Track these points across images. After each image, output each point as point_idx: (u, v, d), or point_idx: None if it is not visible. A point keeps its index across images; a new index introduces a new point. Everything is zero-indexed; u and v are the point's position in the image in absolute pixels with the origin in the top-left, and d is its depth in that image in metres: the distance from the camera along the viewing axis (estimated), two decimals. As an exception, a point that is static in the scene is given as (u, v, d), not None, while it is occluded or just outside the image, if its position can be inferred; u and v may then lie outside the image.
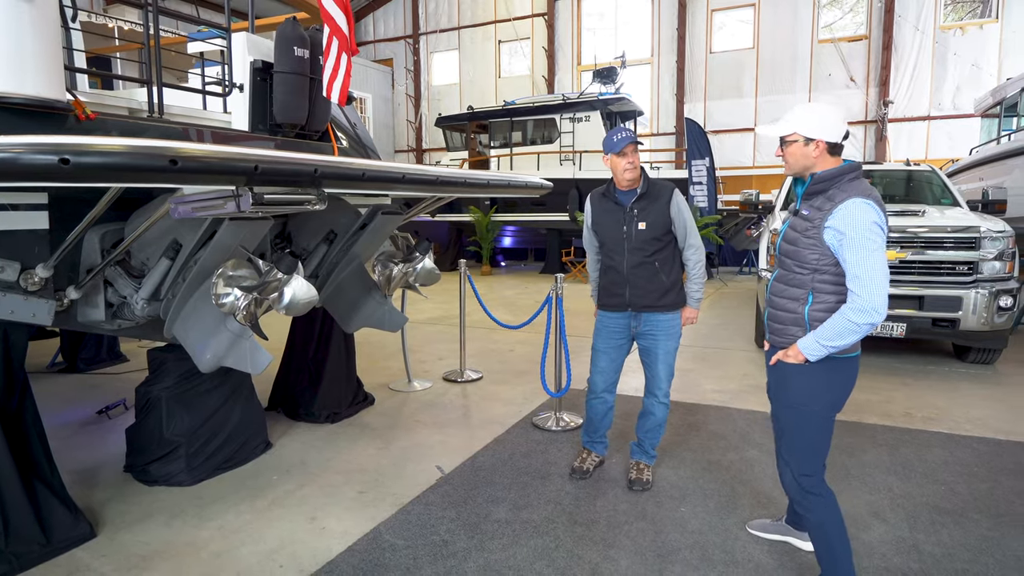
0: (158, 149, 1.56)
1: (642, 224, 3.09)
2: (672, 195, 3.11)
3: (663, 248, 3.13)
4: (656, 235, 3.10)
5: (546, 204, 13.19)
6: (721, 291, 10.80)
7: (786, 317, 2.21)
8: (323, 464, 3.57)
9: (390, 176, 2.31)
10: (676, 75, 16.63)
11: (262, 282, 2.52)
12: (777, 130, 2.18)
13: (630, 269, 3.15)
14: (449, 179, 2.75)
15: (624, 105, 13.92)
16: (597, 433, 3.50)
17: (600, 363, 3.40)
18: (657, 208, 3.09)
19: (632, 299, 3.19)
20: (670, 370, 3.30)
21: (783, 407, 2.28)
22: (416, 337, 6.78)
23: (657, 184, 3.15)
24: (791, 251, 2.20)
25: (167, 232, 2.66)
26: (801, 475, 2.23)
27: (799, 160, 2.16)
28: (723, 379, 5.29)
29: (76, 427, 4.18)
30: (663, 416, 3.31)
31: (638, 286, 3.16)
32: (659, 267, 3.13)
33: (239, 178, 1.76)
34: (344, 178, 2.08)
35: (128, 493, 3.21)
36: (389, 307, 3.72)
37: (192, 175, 1.65)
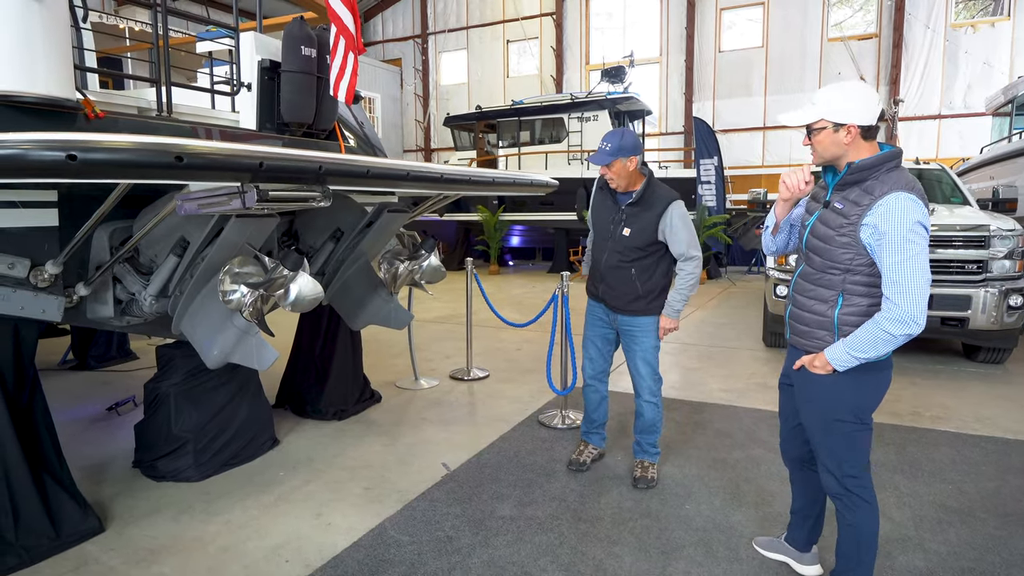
0: (164, 146, 1.58)
1: (626, 230, 3.07)
2: (667, 208, 3.00)
3: (644, 257, 3.08)
4: (638, 244, 3.06)
5: (554, 203, 13.17)
6: (729, 290, 10.77)
7: (812, 319, 2.07)
8: (329, 460, 3.59)
9: (394, 173, 2.32)
10: (685, 74, 16.58)
11: (268, 279, 2.54)
12: (803, 117, 1.99)
13: (607, 268, 3.16)
14: (453, 177, 2.76)
15: (632, 104, 13.89)
16: (593, 424, 3.51)
17: (589, 351, 3.41)
18: (647, 218, 3.02)
19: (604, 295, 3.22)
20: (651, 370, 3.21)
21: (810, 414, 2.14)
22: (423, 335, 6.80)
23: (656, 193, 3.05)
24: (821, 248, 2.03)
25: (175, 229, 2.69)
26: (845, 477, 2.11)
27: (829, 149, 1.98)
28: (729, 378, 5.27)
29: (86, 423, 4.23)
30: (653, 416, 3.25)
31: (611, 286, 3.17)
32: (635, 274, 3.10)
33: (244, 174, 1.78)
34: (349, 175, 2.10)
35: (136, 488, 3.24)
36: (395, 305, 3.74)
37: (198, 171, 1.67)
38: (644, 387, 3.24)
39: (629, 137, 2.99)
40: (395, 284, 3.61)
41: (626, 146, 2.96)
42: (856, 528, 2.14)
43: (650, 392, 3.23)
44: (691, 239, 3.03)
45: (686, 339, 6.82)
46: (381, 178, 2.26)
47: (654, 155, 16.58)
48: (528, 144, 14.28)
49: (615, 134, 2.99)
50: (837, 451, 2.12)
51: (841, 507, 2.16)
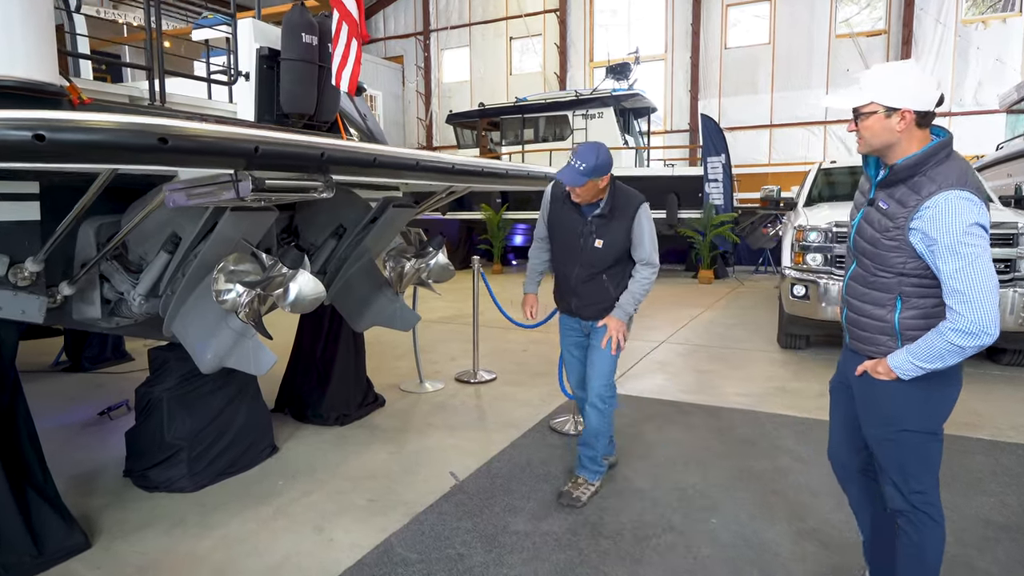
0: (146, 126, 1.39)
1: (599, 242, 2.90)
2: (636, 213, 2.85)
3: (615, 264, 2.94)
4: (611, 255, 2.91)
5: (558, 202, 12.98)
6: (737, 290, 10.57)
7: (871, 324, 1.89)
8: (331, 469, 3.40)
9: (403, 163, 2.13)
10: (690, 71, 16.38)
11: (266, 277, 2.35)
12: (851, 100, 1.79)
13: (578, 282, 2.99)
14: (464, 168, 2.57)
15: (638, 101, 13.71)
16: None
17: (569, 363, 3.24)
18: (618, 227, 2.86)
19: (578, 309, 3.06)
20: (607, 370, 2.98)
21: (874, 423, 1.96)
22: (427, 336, 6.61)
23: (623, 202, 2.87)
24: (870, 251, 1.85)
25: (165, 224, 2.50)
26: (912, 493, 1.91)
27: (879, 136, 1.77)
28: (745, 381, 5.08)
29: (76, 428, 4.05)
30: (597, 424, 2.99)
31: (584, 297, 3.01)
32: (607, 280, 2.95)
33: (238, 160, 1.59)
34: (354, 163, 1.91)
35: (127, 499, 3.06)
36: (400, 305, 3.55)
37: (185, 156, 1.48)
38: (593, 389, 3.00)
39: (604, 155, 2.73)
40: (401, 283, 3.42)
41: (601, 166, 2.70)
42: (921, 548, 1.95)
43: (599, 396, 2.99)
44: (654, 245, 2.91)
45: (696, 340, 6.63)
46: (389, 167, 2.07)
47: (658, 154, 16.39)
48: (532, 142, 14.09)
49: (590, 151, 2.70)
50: (904, 464, 1.92)
51: (905, 524, 1.97)
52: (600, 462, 3.08)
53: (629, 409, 4.36)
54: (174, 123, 1.44)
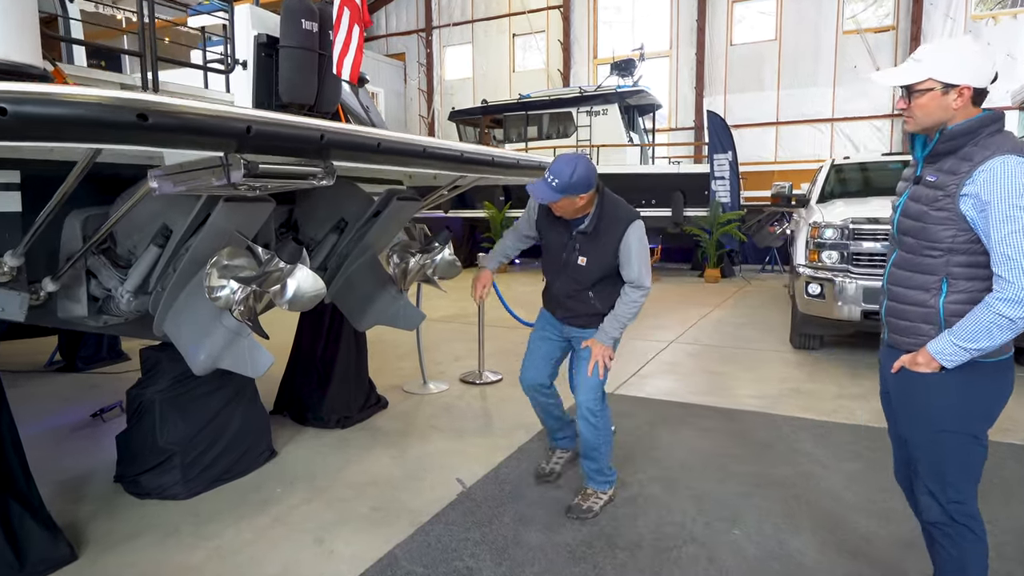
0: (124, 100, 1.24)
1: (582, 259, 2.69)
2: (625, 232, 2.60)
3: (601, 280, 2.72)
4: (596, 273, 2.71)
5: (562, 200, 12.82)
6: (744, 289, 10.41)
7: (914, 312, 1.77)
8: (332, 475, 3.25)
9: (409, 149, 1.98)
10: (695, 68, 16.20)
11: (262, 273, 2.20)
12: (906, 76, 1.69)
13: (562, 294, 2.83)
14: (474, 156, 2.42)
15: (643, 98, 13.54)
16: (551, 430, 3.21)
17: (531, 353, 3.02)
18: (603, 245, 2.64)
19: (563, 319, 2.90)
20: (595, 383, 2.75)
21: (914, 427, 1.83)
22: (431, 336, 6.44)
23: (611, 220, 2.62)
24: (916, 228, 1.74)
25: (155, 216, 2.35)
26: (950, 503, 1.78)
27: (934, 114, 1.68)
28: (759, 382, 4.92)
29: (68, 431, 3.90)
30: (593, 438, 2.79)
31: (570, 309, 2.85)
32: (594, 297, 2.76)
33: (228, 142, 1.44)
34: (356, 148, 1.76)
35: (117, 507, 2.91)
36: (405, 303, 3.40)
37: (168, 136, 1.33)
38: (582, 402, 2.77)
39: (582, 172, 2.46)
40: (405, 280, 3.26)
41: (577, 184, 2.46)
42: (961, 564, 1.81)
43: (588, 410, 2.76)
44: (645, 266, 2.67)
45: (706, 340, 6.46)
46: (394, 154, 1.92)
47: (662, 151, 16.22)
48: (535, 139, 13.92)
49: (565, 165, 2.45)
50: (942, 470, 1.79)
51: (942, 537, 1.83)
52: (607, 471, 2.91)
53: (640, 411, 4.20)
54: (156, 98, 1.29)
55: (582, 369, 2.77)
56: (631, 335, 6.63)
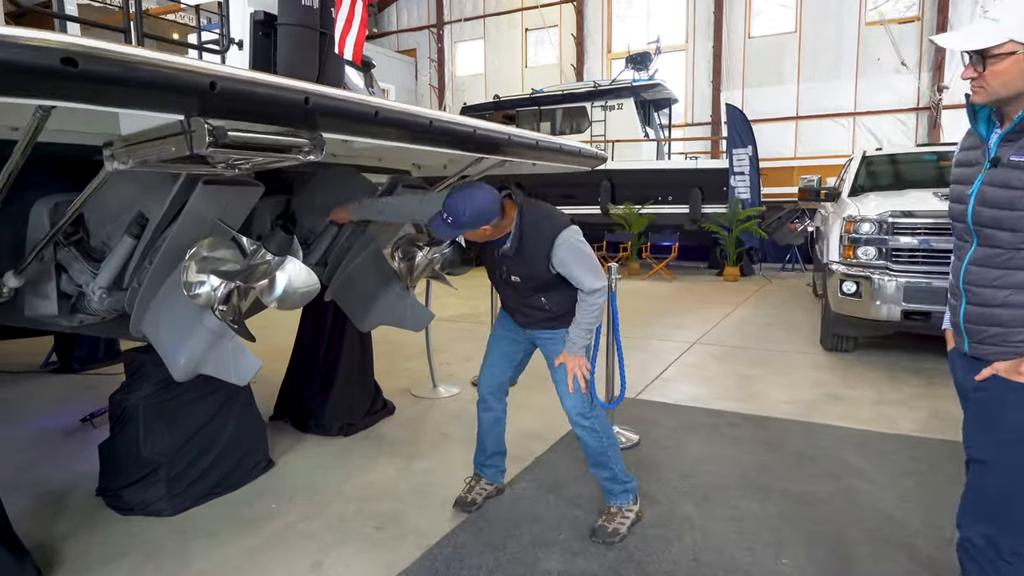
0: (43, 40, 0.97)
1: (515, 277, 2.49)
2: (552, 248, 2.34)
3: (547, 287, 2.47)
4: (533, 286, 2.48)
5: (576, 196, 12.51)
6: (765, 288, 10.05)
7: (1004, 315, 1.51)
8: (333, 489, 2.98)
9: (414, 122, 1.70)
10: (712, 62, 15.81)
11: (247, 266, 1.93)
12: (983, 38, 1.43)
13: (514, 304, 2.64)
14: (489, 136, 2.13)
15: (659, 92, 13.19)
16: (485, 452, 2.86)
17: (491, 356, 2.79)
18: (531, 263, 2.42)
19: (522, 322, 2.66)
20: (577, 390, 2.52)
21: (999, 446, 1.55)
22: (440, 336, 6.16)
23: (533, 237, 2.38)
24: (1006, 218, 1.48)
25: (129, 202, 2.09)
26: (1014, 554, 1.50)
27: (1013, 83, 1.42)
28: (791, 387, 4.60)
29: (55, 437, 3.66)
30: (596, 443, 2.57)
31: (526, 314, 2.61)
32: (547, 302, 2.51)
33: (188, 102, 1.17)
34: (348, 117, 1.48)
35: (97, 524, 2.66)
36: (412, 301, 3.12)
37: (106, 89, 1.07)
38: (570, 409, 2.56)
39: (475, 209, 2.22)
40: (412, 277, 2.98)
41: (473, 220, 2.24)
42: None
43: (579, 415, 2.54)
44: (590, 269, 2.39)
45: (730, 341, 6.14)
46: (395, 126, 1.64)
47: (679, 146, 15.85)
48: (549, 135, 13.62)
49: (459, 203, 2.21)
50: (1009, 500, 1.51)
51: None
52: (624, 478, 2.64)
53: (665, 419, 3.90)
54: (89, 41, 1.02)
55: (561, 384, 2.56)
56: (651, 335, 6.34)
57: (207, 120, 1.22)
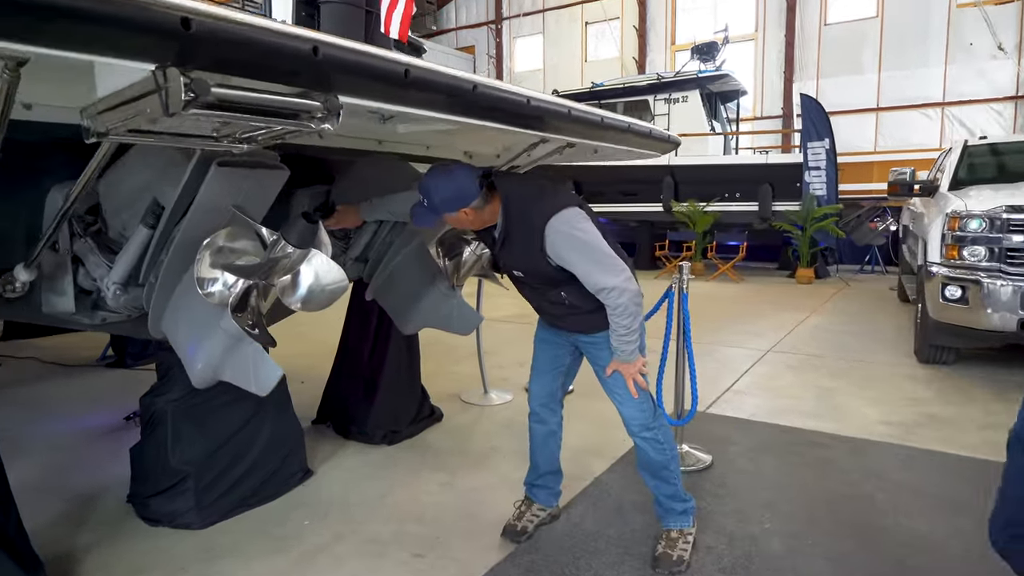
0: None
1: (518, 272, 2.20)
2: (544, 240, 2.00)
3: (564, 282, 2.12)
4: (542, 281, 2.17)
5: (637, 194, 12.04)
6: (843, 291, 9.33)
7: None
8: (371, 505, 2.74)
9: (452, 86, 1.39)
10: (784, 51, 14.98)
11: (267, 261, 1.67)
12: None
13: (534, 303, 2.36)
14: (545, 107, 1.81)
15: (726, 83, 12.53)
16: (538, 471, 2.53)
17: (537, 363, 2.50)
18: (527, 256, 2.09)
19: (552, 323, 2.39)
20: (629, 394, 2.22)
21: None
22: (492, 337, 5.88)
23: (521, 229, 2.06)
24: None
25: (144, 188, 1.88)
26: None
27: None
28: (884, 404, 4.08)
29: (96, 435, 3.57)
30: (658, 454, 2.28)
31: (553, 315, 2.33)
32: (567, 296, 2.18)
33: (157, 45, 0.92)
34: (371, 74, 1.19)
35: (123, 535, 2.49)
36: (458, 302, 2.84)
37: (44, 28, 0.82)
38: (629, 418, 2.29)
39: (451, 187, 1.95)
40: (459, 275, 2.70)
41: (446, 203, 1.97)
42: None
43: (640, 425, 2.27)
44: (597, 262, 2.01)
45: (808, 349, 5.60)
46: (429, 90, 1.34)
47: (746, 140, 15.09)
48: (609, 129, 13.16)
49: (430, 181, 1.97)
50: None
51: None
52: (683, 496, 2.34)
53: (740, 437, 3.48)
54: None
55: (616, 393, 2.27)
56: (718, 342, 5.86)
57: (185, 71, 0.95)
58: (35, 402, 4.21)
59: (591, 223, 2.07)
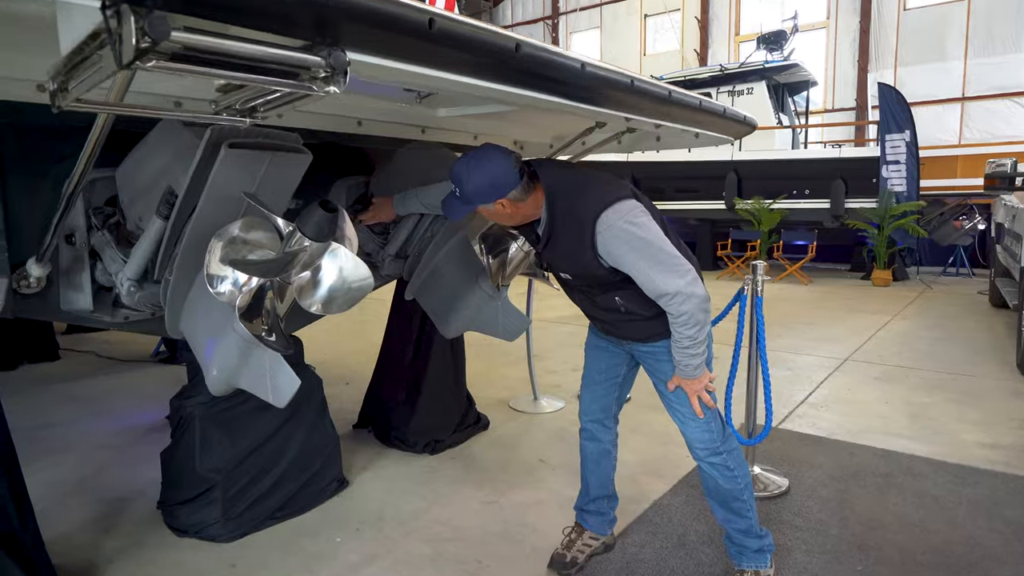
0: None
1: (565, 275, 1.93)
2: (594, 237, 1.72)
3: (619, 285, 1.84)
4: (593, 283, 1.90)
5: (698, 191, 11.53)
6: (925, 295, 8.61)
7: None
8: (408, 522, 2.52)
9: (487, 42, 1.14)
10: (858, 39, 14.09)
11: (282, 255, 1.47)
12: None
13: (586, 310, 2.08)
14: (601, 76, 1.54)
15: (795, 74, 11.83)
16: (588, 494, 2.24)
17: (586, 371, 2.24)
18: (574, 256, 1.81)
19: (607, 330, 2.10)
20: (694, 414, 1.92)
21: None
22: (545, 340, 5.64)
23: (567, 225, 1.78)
24: None
25: (159, 175, 1.71)
26: None
27: None
28: (986, 425, 3.60)
29: (140, 433, 3.51)
30: (729, 482, 1.98)
31: (607, 322, 2.04)
32: (622, 301, 1.90)
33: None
34: (386, 25, 0.95)
35: (149, 545, 2.36)
36: (504, 305, 2.59)
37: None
38: (693, 439, 1.99)
39: (482, 176, 1.69)
40: (504, 273, 2.45)
41: (478, 192, 1.71)
42: None
43: (707, 448, 1.97)
44: (657, 262, 1.71)
45: (893, 359, 5.09)
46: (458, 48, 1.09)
47: (817, 134, 14.28)
48: (668, 124, 12.66)
49: (461, 168, 1.71)
50: None
51: None
52: (758, 531, 2.03)
53: (821, 458, 3.10)
54: None
55: (678, 412, 1.98)
56: (790, 348, 5.41)
57: (143, 12, 0.74)
58: (88, 398, 4.21)
59: (650, 217, 1.78)
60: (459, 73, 1.16)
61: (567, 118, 2.08)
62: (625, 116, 1.78)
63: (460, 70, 1.16)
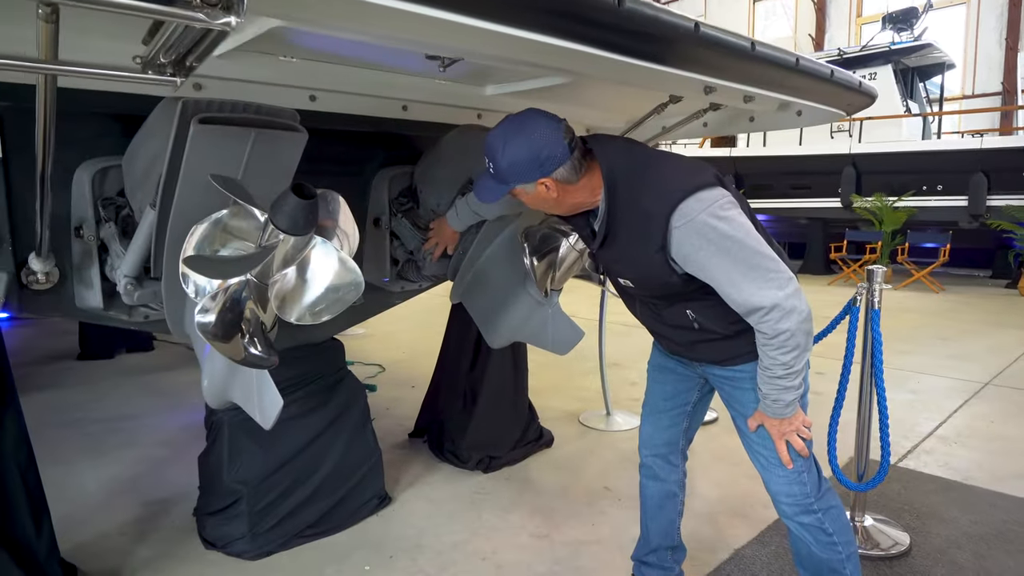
0: None
1: (625, 280, 1.55)
2: (668, 234, 1.35)
3: (693, 296, 1.47)
4: (662, 291, 1.51)
5: (811, 187, 10.57)
6: (1090, 308, 7.32)
7: None
8: (445, 552, 2.25)
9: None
10: (1007, 13, 12.41)
11: (259, 250, 1.23)
12: None
13: (651, 325, 1.72)
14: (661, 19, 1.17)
15: (926, 56, 10.57)
16: (648, 543, 1.85)
17: (648, 396, 1.90)
18: (636, 255, 1.43)
19: (675, 351, 1.72)
20: (779, 461, 1.50)
21: None
22: (625, 346, 5.20)
23: (632, 218, 1.40)
24: None
25: (156, 160, 1.53)
26: None
27: None
28: None
29: (190, 434, 3.47)
30: (824, 554, 1.55)
31: (675, 340, 1.66)
32: (694, 315, 1.52)
33: None
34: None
35: (177, 556, 2.23)
36: (555, 313, 2.25)
37: None
38: (779, 493, 1.57)
39: (520, 143, 1.34)
40: (554, 277, 2.10)
41: (519, 163, 1.35)
42: None
43: (796, 505, 1.55)
44: (749, 268, 1.33)
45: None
46: None
47: (952, 123, 12.73)
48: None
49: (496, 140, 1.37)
50: None
51: None
52: None
53: (953, 509, 2.52)
54: None
55: (761, 457, 1.56)
56: (915, 368, 4.64)
57: None
58: (169, 391, 4.27)
59: (740, 211, 1.39)
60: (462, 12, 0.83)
61: (634, 94, 1.72)
62: (703, 82, 1.39)
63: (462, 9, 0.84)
